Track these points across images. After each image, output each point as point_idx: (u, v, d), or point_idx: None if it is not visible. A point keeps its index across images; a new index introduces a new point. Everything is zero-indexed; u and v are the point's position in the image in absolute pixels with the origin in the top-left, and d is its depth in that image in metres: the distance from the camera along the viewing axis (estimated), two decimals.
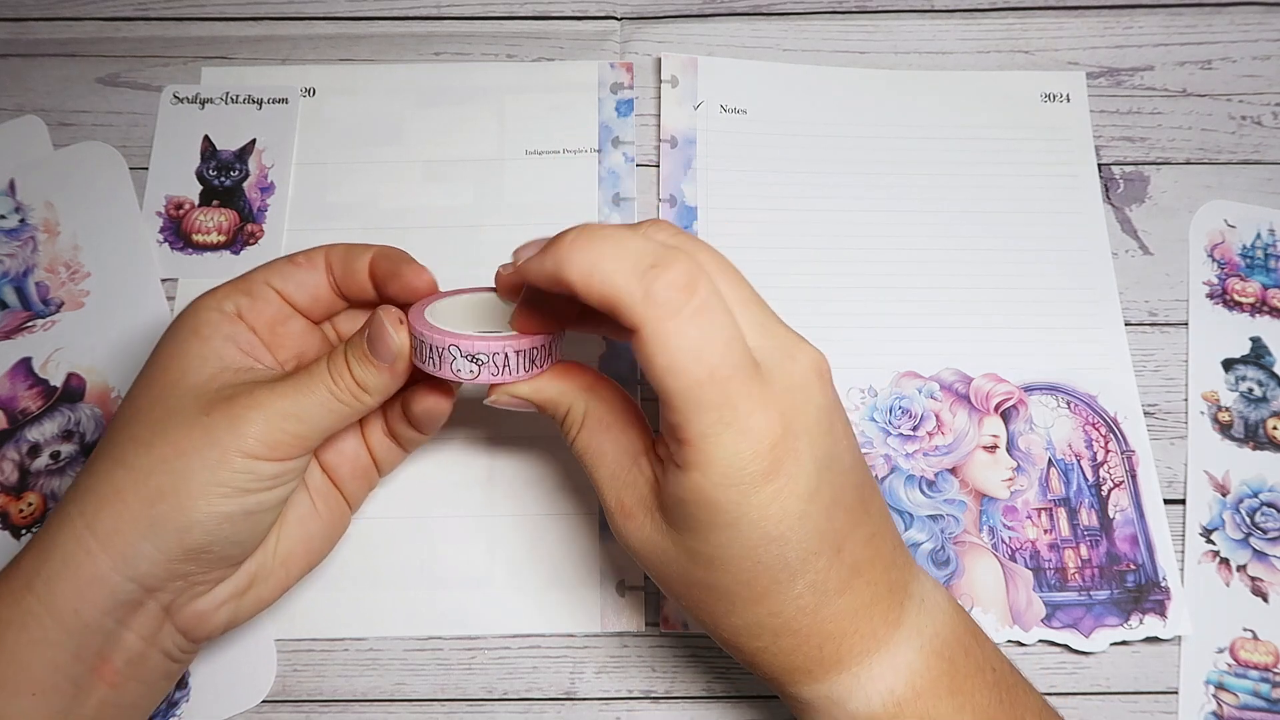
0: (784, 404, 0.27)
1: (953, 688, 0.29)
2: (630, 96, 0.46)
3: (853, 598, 0.29)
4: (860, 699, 0.29)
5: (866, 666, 0.29)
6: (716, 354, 0.26)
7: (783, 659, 0.29)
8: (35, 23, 0.48)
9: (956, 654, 0.30)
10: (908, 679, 0.29)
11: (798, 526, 0.27)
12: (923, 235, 0.44)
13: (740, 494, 0.27)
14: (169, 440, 0.30)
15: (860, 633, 0.29)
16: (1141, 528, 0.40)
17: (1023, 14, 0.48)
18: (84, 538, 0.29)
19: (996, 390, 0.42)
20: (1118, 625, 0.38)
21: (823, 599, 0.28)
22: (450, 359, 0.30)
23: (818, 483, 0.28)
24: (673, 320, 0.26)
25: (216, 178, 0.45)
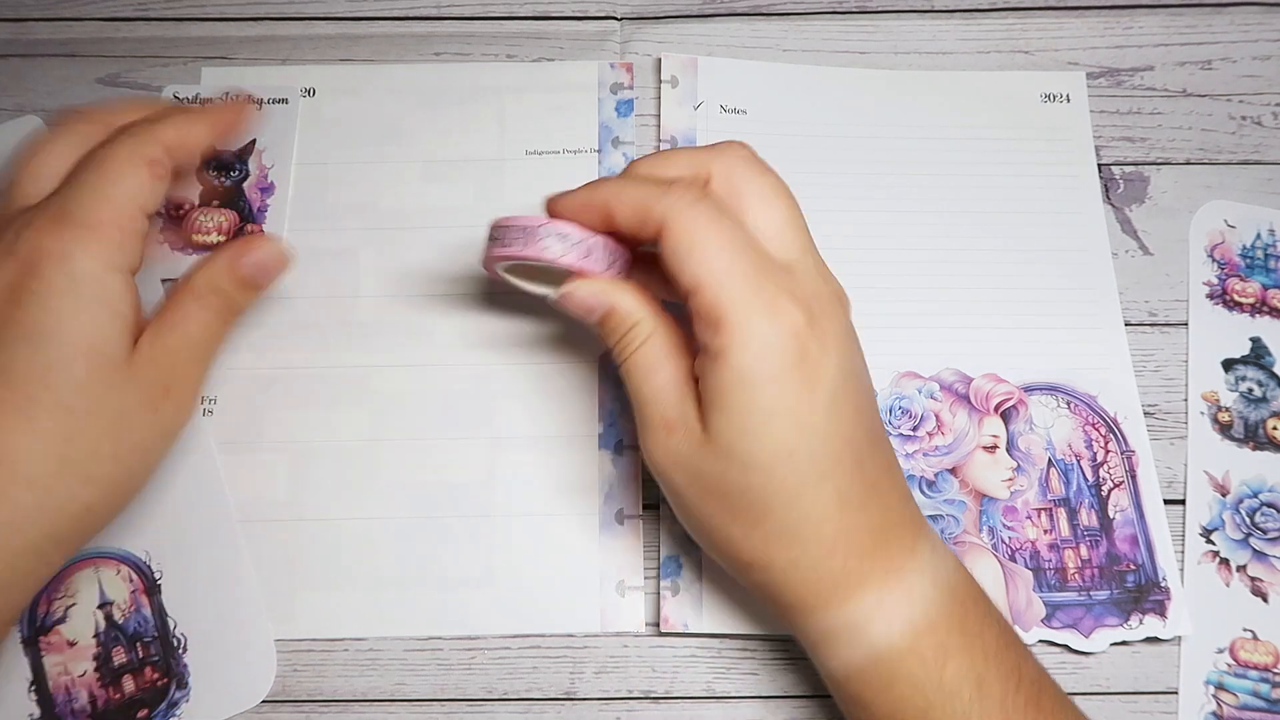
0: (811, 303, 0.30)
1: (964, 626, 0.30)
2: (630, 97, 0.46)
3: (873, 516, 0.30)
4: (881, 625, 0.30)
5: (888, 590, 0.30)
6: (739, 242, 0.30)
7: (810, 574, 0.30)
8: (35, 23, 0.48)
9: (967, 599, 0.31)
10: (924, 611, 0.30)
11: (825, 420, 0.29)
12: (923, 235, 0.44)
13: (774, 374, 0.29)
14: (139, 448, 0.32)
15: (880, 554, 0.30)
16: (1141, 528, 0.40)
17: (1023, 14, 0.48)
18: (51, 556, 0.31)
19: (996, 390, 0.42)
20: (1117, 625, 0.38)
21: (846, 509, 0.30)
22: (542, 237, 0.32)
23: (842, 384, 0.30)
24: (692, 206, 0.30)
25: (216, 178, 0.45)
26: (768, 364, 0.29)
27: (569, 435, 0.41)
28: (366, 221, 0.44)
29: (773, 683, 0.39)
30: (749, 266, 0.29)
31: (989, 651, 0.30)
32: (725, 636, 0.39)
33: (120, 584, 0.39)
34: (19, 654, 0.38)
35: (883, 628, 0.30)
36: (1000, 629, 0.31)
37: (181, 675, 0.37)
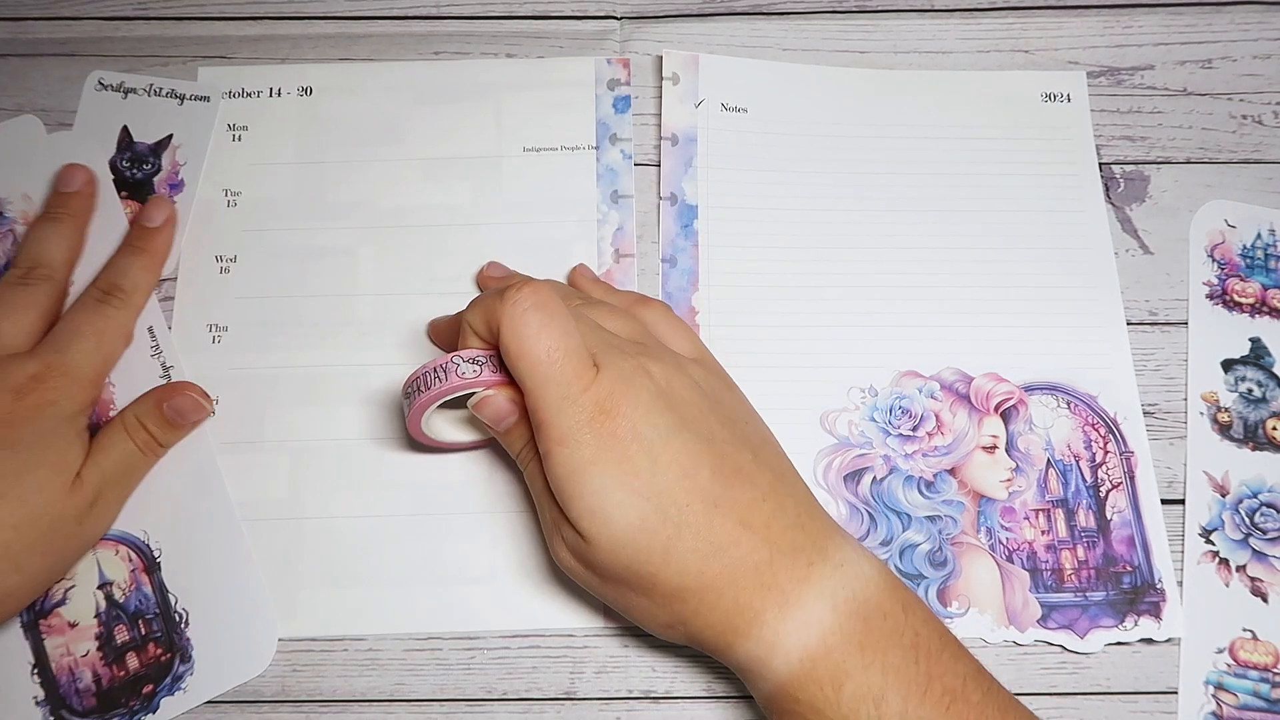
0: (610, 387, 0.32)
1: (863, 645, 0.31)
2: (627, 93, 0.46)
3: (749, 551, 0.31)
4: (781, 656, 0.31)
5: (782, 620, 0.31)
6: (554, 336, 0.32)
7: (711, 618, 0.32)
8: (35, 22, 0.48)
9: (873, 616, 0.31)
10: (820, 635, 0.31)
11: (654, 480, 0.31)
12: (923, 234, 0.44)
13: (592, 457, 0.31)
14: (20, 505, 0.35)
15: (767, 585, 0.31)
16: (1139, 529, 0.40)
17: (1023, 14, 0.48)
18: None
19: (997, 390, 0.42)
20: (1113, 626, 0.38)
21: (719, 551, 0.31)
22: (455, 367, 0.34)
23: (663, 445, 0.31)
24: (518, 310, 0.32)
25: (129, 169, 0.45)
26: (581, 453, 0.31)
27: None
28: (365, 220, 0.44)
29: None
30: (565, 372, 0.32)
31: (889, 668, 0.30)
32: None
33: (119, 564, 0.39)
34: (19, 638, 0.38)
35: (781, 658, 0.31)
36: (911, 642, 0.31)
37: (185, 649, 0.38)
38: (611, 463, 0.31)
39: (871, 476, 0.40)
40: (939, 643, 0.32)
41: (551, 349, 0.31)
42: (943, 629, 0.32)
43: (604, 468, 0.31)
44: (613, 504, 0.31)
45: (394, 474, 0.40)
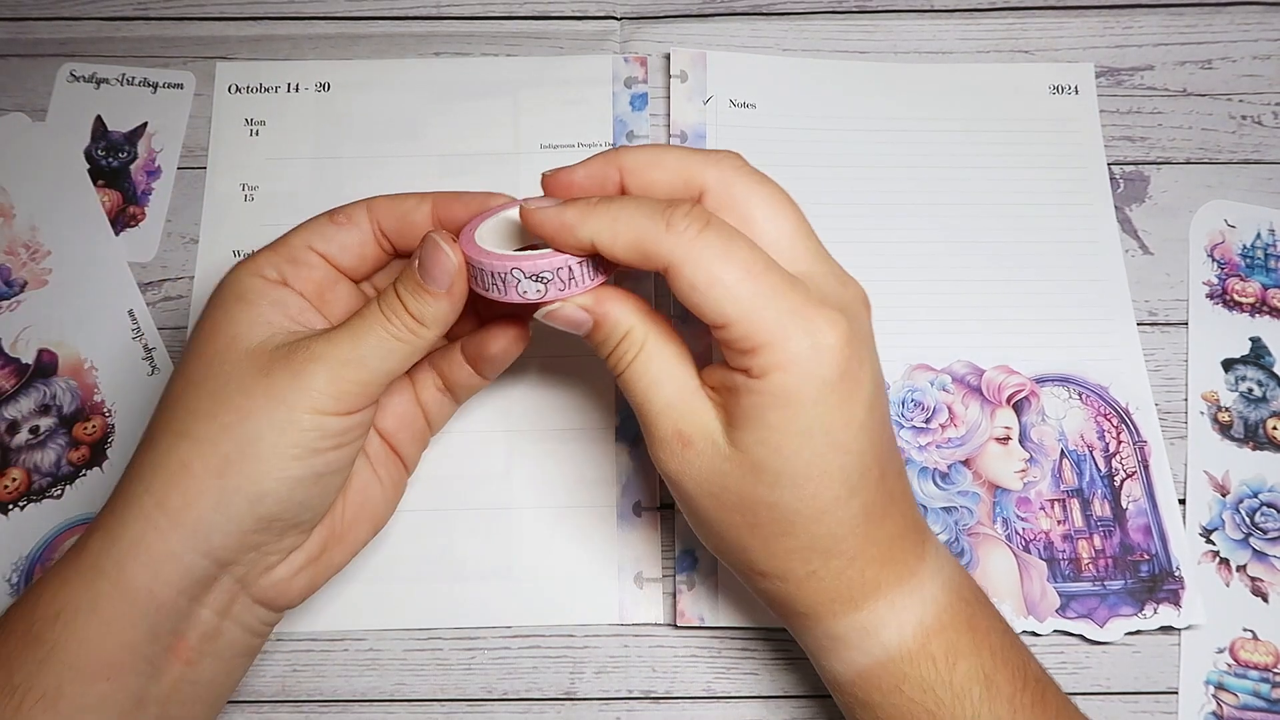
0: (847, 317, 0.28)
1: (971, 624, 0.30)
2: (644, 90, 0.46)
3: (891, 525, 0.30)
4: (894, 628, 0.30)
5: (901, 594, 0.30)
6: (758, 265, 0.28)
7: (829, 583, 0.30)
8: (35, 22, 0.48)
9: (971, 599, 0.31)
10: (935, 612, 0.30)
11: (860, 436, 0.28)
12: (934, 228, 0.44)
13: (816, 395, 0.28)
14: (231, 406, 0.29)
15: (896, 560, 0.30)
16: (1154, 518, 0.40)
17: (1022, 14, 0.48)
18: (153, 515, 0.29)
19: (1008, 382, 0.42)
20: (1132, 615, 0.38)
21: (870, 521, 0.29)
22: (515, 282, 0.30)
23: (875, 396, 0.29)
24: (700, 238, 0.28)
25: (104, 158, 0.45)
26: (811, 385, 0.28)
27: (586, 427, 0.41)
28: None
29: (773, 683, 0.39)
30: (775, 288, 0.28)
31: (996, 650, 0.30)
32: (741, 630, 0.39)
33: None
34: None
35: (895, 631, 0.30)
36: (1004, 628, 0.32)
37: None
38: (833, 404, 0.28)
39: None
40: (1014, 633, 0.32)
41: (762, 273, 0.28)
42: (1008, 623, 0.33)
43: (824, 408, 0.28)
44: (810, 447, 0.28)
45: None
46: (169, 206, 0.45)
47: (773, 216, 0.30)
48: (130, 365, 0.41)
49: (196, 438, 0.29)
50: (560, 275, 0.30)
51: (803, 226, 0.31)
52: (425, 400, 0.35)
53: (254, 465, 0.29)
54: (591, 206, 0.29)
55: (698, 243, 0.28)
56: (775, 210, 0.30)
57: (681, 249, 0.28)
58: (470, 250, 0.30)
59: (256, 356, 0.30)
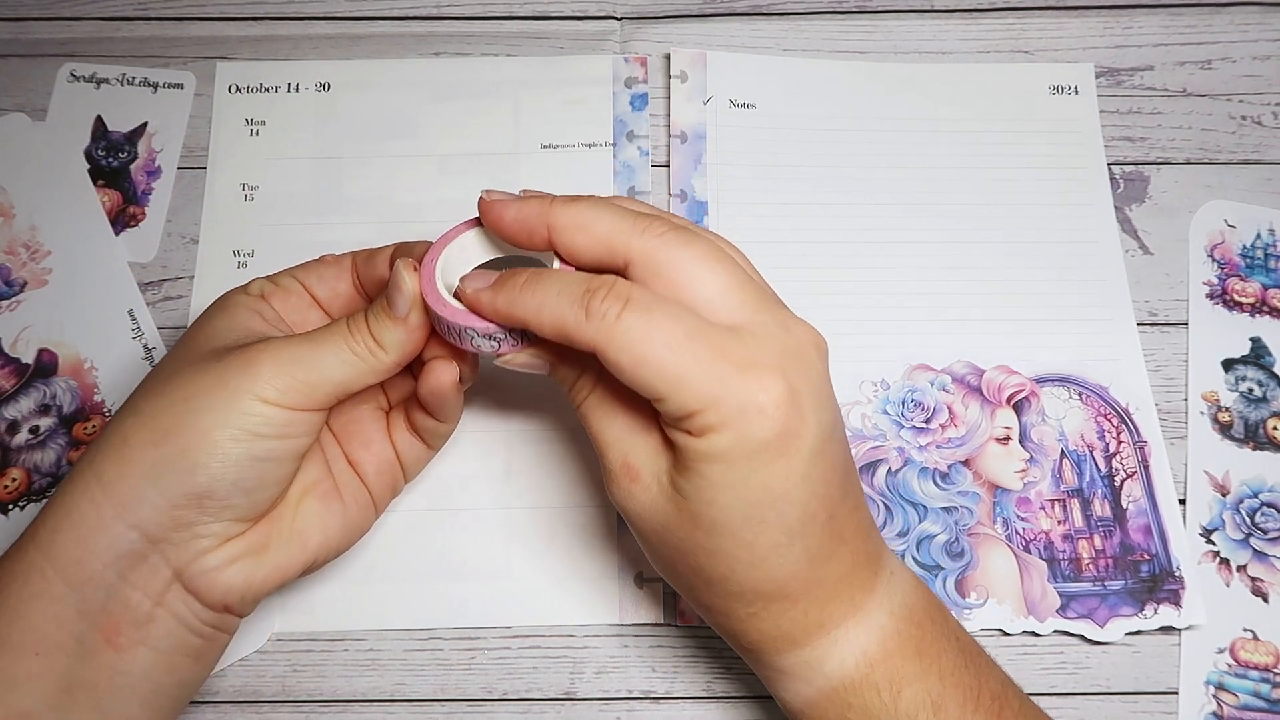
0: (785, 367, 0.28)
1: (920, 650, 0.30)
2: (644, 90, 0.46)
3: (838, 565, 0.30)
4: (836, 660, 0.30)
5: (844, 630, 0.30)
6: (684, 332, 0.28)
7: (770, 625, 0.30)
8: (35, 22, 0.48)
9: (924, 621, 0.31)
10: (879, 640, 0.30)
11: (801, 486, 0.28)
12: (933, 228, 0.44)
13: (751, 451, 0.27)
14: (179, 384, 0.30)
15: (841, 598, 0.30)
16: (1155, 518, 0.40)
17: (1023, 14, 0.48)
18: (90, 487, 0.29)
19: (1008, 382, 0.42)
20: (1132, 615, 0.38)
21: (814, 565, 0.29)
22: (469, 337, 0.31)
23: (821, 444, 0.28)
24: (619, 322, 0.28)
25: (104, 158, 0.45)
26: (746, 445, 0.27)
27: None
28: (382, 215, 0.44)
29: None
30: (702, 358, 0.27)
31: (945, 673, 0.30)
32: None
33: None
34: None
35: (836, 663, 0.30)
36: (960, 646, 0.31)
37: None
38: (770, 459, 0.28)
39: (886, 468, 0.41)
40: (975, 647, 0.32)
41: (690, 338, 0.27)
42: (967, 632, 0.32)
43: (759, 462, 0.28)
44: (746, 498, 0.28)
45: None
46: (169, 206, 0.45)
47: (701, 276, 0.29)
48: (130, 365, 0.41)
49: (140, 411, 0.30)
50: (512, 333, 0.31)
51: (736, 277, 0.29)
52: (397, 442, 0.36)
53: (190, 438, 0.29)
54: (517, 292, 0.30)
55: (618, 327, 0.28)
56: (703, 269, 0.29)
57: (603, 335, 0.28)
58: (430, 296, 0.31)
59: (220, 349, 0.31)
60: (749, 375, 0.27)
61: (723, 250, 0.30)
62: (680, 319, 0.28)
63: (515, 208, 0.31)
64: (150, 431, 0.29)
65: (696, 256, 0.29)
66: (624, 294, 0.28)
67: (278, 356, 0.30)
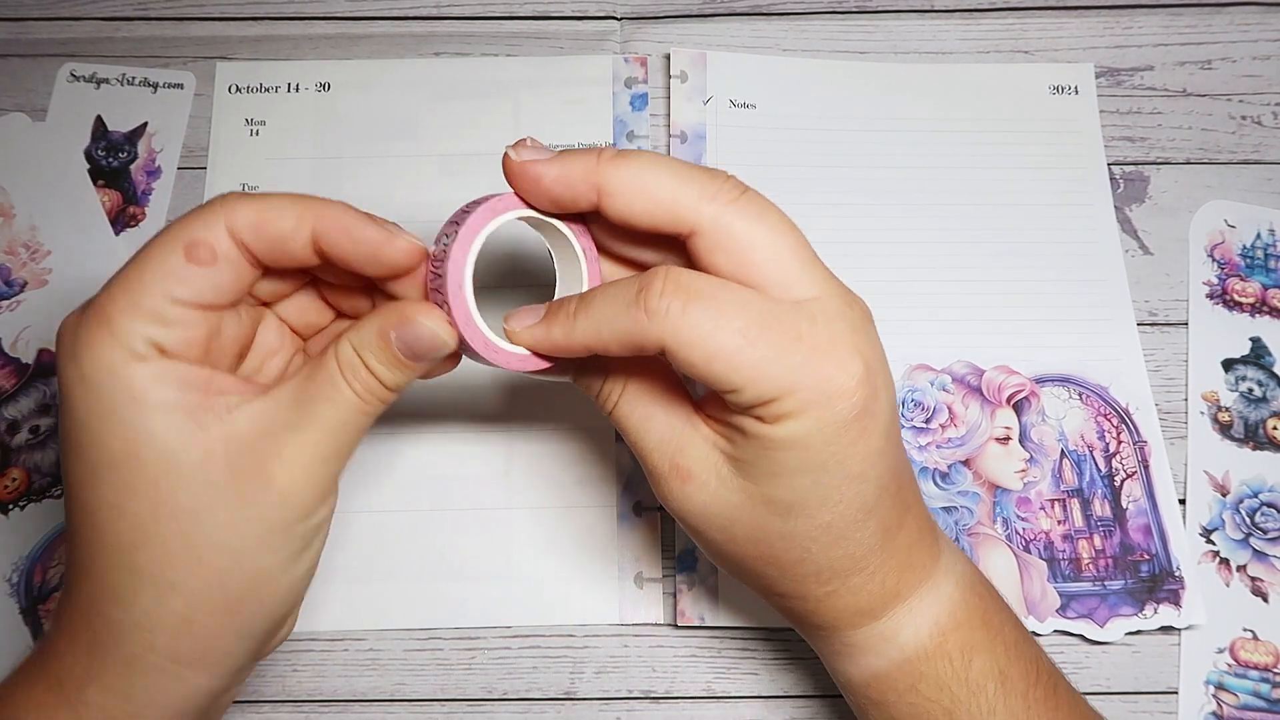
0: (860, 343, 0.27)
1: (985, 620, 0.30)
2: (644, 90, 0.46)
3: (906, 534, 0.30)
4: (910, 631, 0.29)
5: (918, 598, 0.30)
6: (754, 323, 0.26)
7: (848, 600, 0.29)
8: (35, 23, 0.48)
9: (984, 592, 0.31)
10: (950, 610, 0.30)
11: (877, 463, 0.28)
12: (933, 228, 0.44)
13: (833, 434, 0.26)
14: (217, 549, 0.26)
15: (913, 565, 0.30)
16: (1155, 518, 0.40)
17: (1023, 14, 0.48)
18: (168, 668, 0.26)
19: (1008, 382, 0.42)
20: (1132, 615, 0.38)
21: (887, 536, 0.29)
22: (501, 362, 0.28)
23: (891, 419, 0.28)
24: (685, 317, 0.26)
25: (105, 158, 0.45)
26: (827, 429, 0.26)
27: (586, 428, 0.41)
28: (382, 214, 0.44)
29: (773, 683, 0.39)
30: (777, 347, 0.26)
31: (1010, 645, 0.30)
32: (741, 630, 0.39)
33: None
34: (19, 624, 0.38)
35: (910, 633, 0.29)
36: (1015, 622, 0.31)
37: None
38: (849, 440, 0.27)
39: None
40: (1025, 628, 0.32)
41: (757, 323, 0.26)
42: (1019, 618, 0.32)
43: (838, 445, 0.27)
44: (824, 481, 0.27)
45: (411, 469, 0.41)
46: (169, 206, 0.45)
47: (774, 250, 0.27)
48: None
49: (191, 590, 0.26)
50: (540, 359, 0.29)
51: (803, 251, 0.28)
52: None
53: (264, 595, 0.27)
54: (572, 321, 0.27)
55: (685, 323, 0.26)
56: (775, 242, 0.27)
57: (670, 333, 0.26)
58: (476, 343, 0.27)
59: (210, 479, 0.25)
60: (828, 358, 0.26)
61: (787, 221, 0.28)
62: (749, 305, 0.26)
63: (558, 167, 0.27)
64: (218, 605, 0.26)
65: (769, 230, 0.27)
66: (684, 285, 0.26)
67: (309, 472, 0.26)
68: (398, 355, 0.27)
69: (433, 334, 0.27)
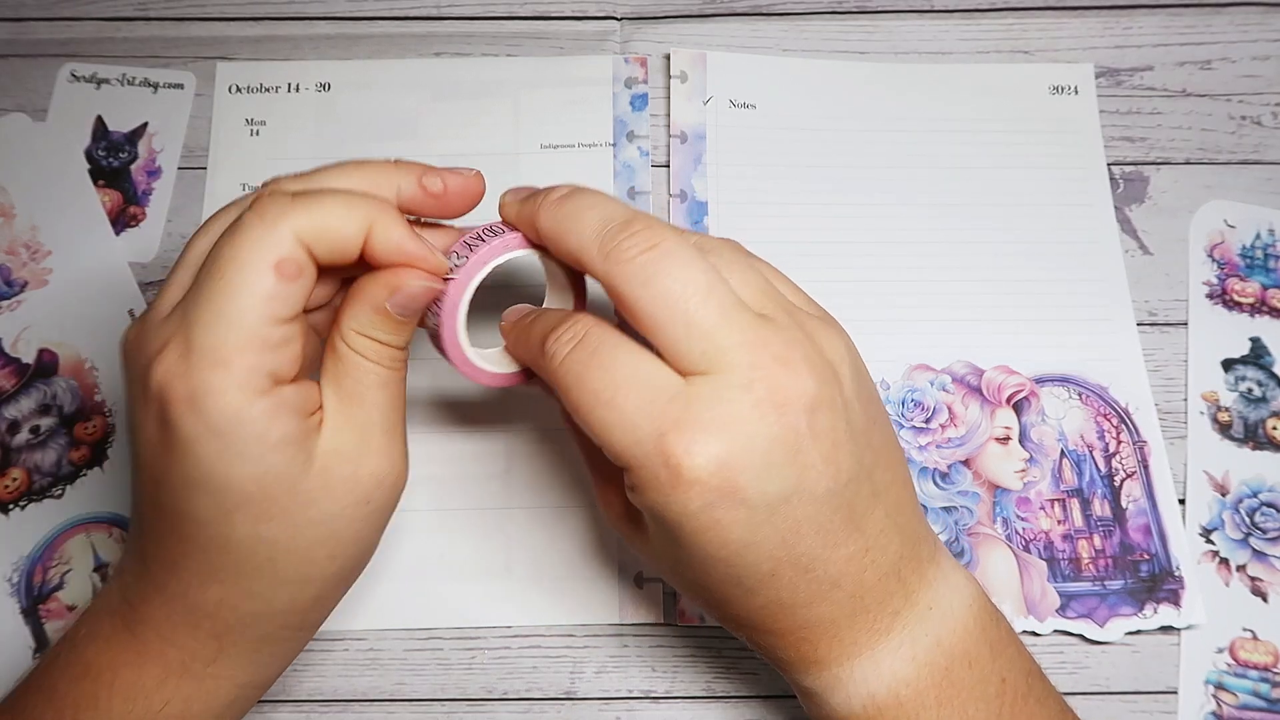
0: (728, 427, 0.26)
1: (941, 699, 0.28)
2: (644, 90, 0.46)
3: (831, 608, 0.28)
4: (841, 697, 0.29)
5: (847, 669, 0.29)
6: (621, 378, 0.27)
7: (768, 651, 0.30)
8: (35, 23, 0.48)
9: (956, 666, 0.29)
10: (890, 686, 0.28)
11: (743, 553, 0.27)
12: (933, 228, 0.44)
13: (680, 518, 0.26)
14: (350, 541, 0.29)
15: (841, 639, 0.29)
16: (1154, 518, 0.40)
17: (1022, 14, 0.48)
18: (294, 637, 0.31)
19: (1008, 382, 0.42)
20: (1132, 615, 0.38)
21: (792, 610, 0.28)
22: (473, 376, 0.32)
23: (767, 516, 0.26)
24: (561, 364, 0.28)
25: (105, 158, 0.45)
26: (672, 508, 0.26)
27: None
28: None
29: (773, 683, 0.39)
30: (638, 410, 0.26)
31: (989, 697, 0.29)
32: None
33: (113, 545, 0.39)
34: (19, 624, 0.38)
35: (842, 702, 0.29)
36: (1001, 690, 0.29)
37: None
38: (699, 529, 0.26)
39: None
40: (1025, 685, 0.30)
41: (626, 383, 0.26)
42: (1030, 665, 0.30)
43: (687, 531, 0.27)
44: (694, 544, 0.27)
45: (412, 469, 0.40)
46: (169, 206, 0.45)
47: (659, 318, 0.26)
48: None
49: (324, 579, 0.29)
50: None
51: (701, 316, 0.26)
52: None
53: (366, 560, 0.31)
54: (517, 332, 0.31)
55: (560, 369, 0.27)
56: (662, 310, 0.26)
57: (552, 375, 0.28)
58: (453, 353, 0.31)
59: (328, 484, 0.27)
60: (677, 436, 0.25)
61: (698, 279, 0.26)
62: (619, 366, 0.26)
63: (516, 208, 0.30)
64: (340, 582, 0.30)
65: (658, 295, 0.26)
66: (577, 333, 0.28)
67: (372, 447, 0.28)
68: (397, 320, 0.28)
69: (423, 290, 0.28)
